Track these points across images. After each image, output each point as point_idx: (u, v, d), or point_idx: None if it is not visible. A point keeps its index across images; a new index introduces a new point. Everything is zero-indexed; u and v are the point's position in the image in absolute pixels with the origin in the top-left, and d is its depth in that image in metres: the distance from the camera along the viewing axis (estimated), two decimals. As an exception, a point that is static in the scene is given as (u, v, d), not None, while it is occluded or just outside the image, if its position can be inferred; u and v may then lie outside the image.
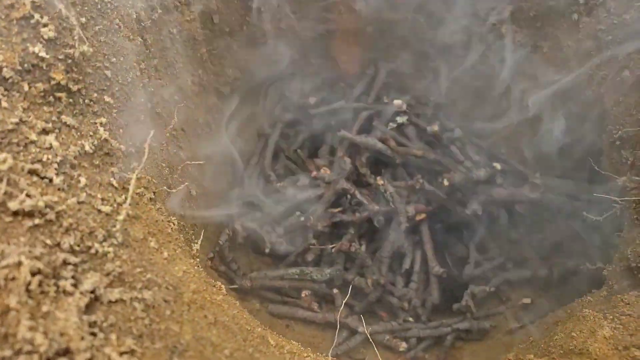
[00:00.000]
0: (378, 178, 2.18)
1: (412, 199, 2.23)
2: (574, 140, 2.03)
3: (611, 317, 1.34)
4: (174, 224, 1.29)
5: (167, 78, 1.68)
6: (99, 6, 1.13)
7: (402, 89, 2.63)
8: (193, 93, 1.96)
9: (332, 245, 2.24)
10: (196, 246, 1.39)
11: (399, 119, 2.12)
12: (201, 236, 1.43)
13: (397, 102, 2.29)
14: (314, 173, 2.35)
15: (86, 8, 1.09)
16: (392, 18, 2.34)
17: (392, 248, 2.23)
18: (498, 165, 2.08)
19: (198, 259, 1.37)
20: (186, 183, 1.43)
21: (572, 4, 1.88)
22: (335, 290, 2.26)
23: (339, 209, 2.27)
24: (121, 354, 0.78)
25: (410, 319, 2.26)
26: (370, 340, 2.12)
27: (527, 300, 2.25)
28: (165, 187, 1.33)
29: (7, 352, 0.68)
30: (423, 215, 2.18)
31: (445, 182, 2.03)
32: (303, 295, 2.27)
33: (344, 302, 1.74)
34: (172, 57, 1.71)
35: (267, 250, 2.20)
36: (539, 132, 2.23)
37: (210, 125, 2.18)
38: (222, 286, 1.24)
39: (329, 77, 2.68)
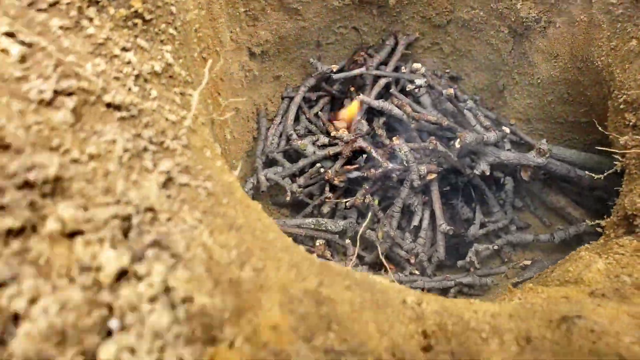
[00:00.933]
0: (394, 138, 2.35)
1: (425, 160, 2.40)
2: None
3: (605, 256, 1.51)
4: (219, 149, 1.47)
5: (210, 30, 1.84)
6: (169, -52, 1.31)
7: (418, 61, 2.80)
8: (230, 48, 2.13)
9: (347, 200, 2.42)
10: (235, 172, 1.57)
11: (417, 81, 2.28)
12: (239, 167, 1.61)
13: (416, 65, 2.45)
14: (334, 132, 2.52)
15: (160, -52, 1.26)
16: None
17: (403, 204, 2.41)
18: (507, 129, 2.24)
19: (236, 184, 1.55)
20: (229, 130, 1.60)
21: (585, -19, 2.02)
22: (347, 241, 2.44)
23: (355, 165, 2.44)
24: (193, 218, 0.96)
25: (416, 272, 2.44)
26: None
27: (527, 262, 2.42)
28: (213, 120, 1.51)
29: (110, 199, 0.86)
30: (434, 176, 2.34)
31: (457, 144, 2.19)
32: (317, 244, 2.45)
33: (357, 248, 1.90)
34: (216, 11, 1.88)
35: (287, 199, 2.38)
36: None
37: (243, 82, 2.35)
38: (259, 203, 1.42)
39: (351, 48, 2.84)
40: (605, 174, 1.76)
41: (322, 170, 2.38)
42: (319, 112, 2.78)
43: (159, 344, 0.70)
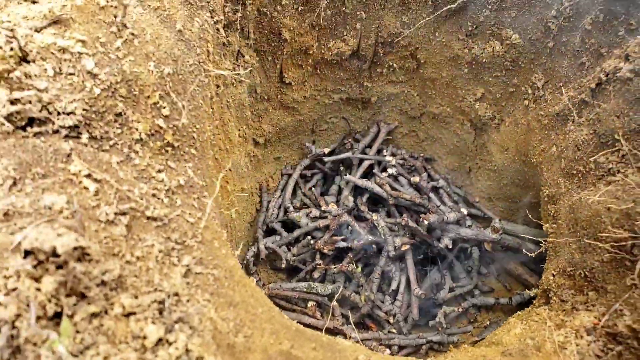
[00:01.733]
0: (373, 214, 2.78)
1: (400, 233, 2.82)
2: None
3: (525, 322, 1.91)
4: (224, 235, 1.91)
5: (222, 134, 2.32)
6: (191, 94, 1.79)
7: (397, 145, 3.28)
8: (238, 143, 2.61)
9: (335, 266, 2.83)
10: (237, 252, 2.00)
11: (390, 170, 2.74)
12: (240, 246, 2.04)
13: (388, 157, 2.92)
14: (324, 207, 2.96)
15: (185, 95, 1.74)
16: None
17: (382, 271, 2.81)
18: (464, 210, 2.67)
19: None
20: (235, 208, 2.05)
21: (524, 92, 2.50)
22: (334, 303, 2.83)
23: (342, 237, 2.86)
24: (204, 299, 1.38)
25: (394, 330, 2.81)
26: (361, 343, 2.65)
27: (487, 323, 2.79)
28: (221, 210, 1.95)
29: (151, 289, 1.28)
30: (407, 247, 2.76)
31: (425, 222, 2.62)
32: (309, 305, 2.84)
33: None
34: (227, 118, 2.37)
35: (283, 266, 2.80)
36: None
37: (248, 166, 2.82)
38: (253, 279, 1.84)
39: (340, 133, 3.33)
40: (535, 253, 2.17)
41: (312, 242, 2.80)
42: (313, 188, 3.23)
43: (182, 387, 1.11)
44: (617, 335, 1.55)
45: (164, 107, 1.64)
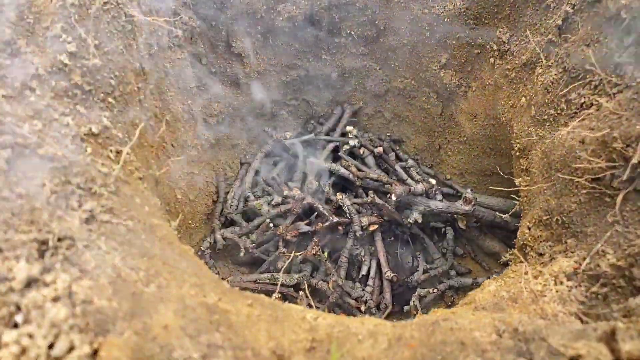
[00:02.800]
0: (337, 194, 2.56)
1: (367, 213, 2.60)
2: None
3: (500, 279, 1.69)
4: (158, 202, 1.67)
5: (159, 102, 2.11)
6: (109, 34, 1.58)
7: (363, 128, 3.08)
8: (182, 119, 2.39)
9: (300, 253, 2.59)
10: (174, 224, 1.76)
11: (351, 142, 2.53)
12: (178, 219, 1.80)
13: (349, 127, 2.72)
14: (286, 192, 2.73)
15: (99, 34, 1.53)
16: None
17: (350, 254, 2.58)
18: (433, 181, 2.46)
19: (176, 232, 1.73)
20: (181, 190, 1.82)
21: (490, 50, 2.34)
22: (300, 293, 2.57)
23: (306, 221, 2.63)
24: (109, 247, 1.14)
25: (366, 319, 2.56)
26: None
27: (469, 305, 2.56)
28: (151, 172, 1.72)
29: (33, 229, 1.05)
30: (375, 226, 2.54)
31: (393, 197, 2.40)
32: (273, 298, 2.59)
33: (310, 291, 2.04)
34: (165, 86, 2.16)
35: (242, 254, 2.55)
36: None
37: (198, 149, 2.60)
38: (192, 248, 1.60)
39: (303, 117, 3.13)
40: (509, 213, 1.96)
41: (272, 225, 2.57)
42: (276, 175, 3.00)
43: (55, 331, 0.86)
44: (600, 277, 1.34)
45: (69, 42, 1.43)
